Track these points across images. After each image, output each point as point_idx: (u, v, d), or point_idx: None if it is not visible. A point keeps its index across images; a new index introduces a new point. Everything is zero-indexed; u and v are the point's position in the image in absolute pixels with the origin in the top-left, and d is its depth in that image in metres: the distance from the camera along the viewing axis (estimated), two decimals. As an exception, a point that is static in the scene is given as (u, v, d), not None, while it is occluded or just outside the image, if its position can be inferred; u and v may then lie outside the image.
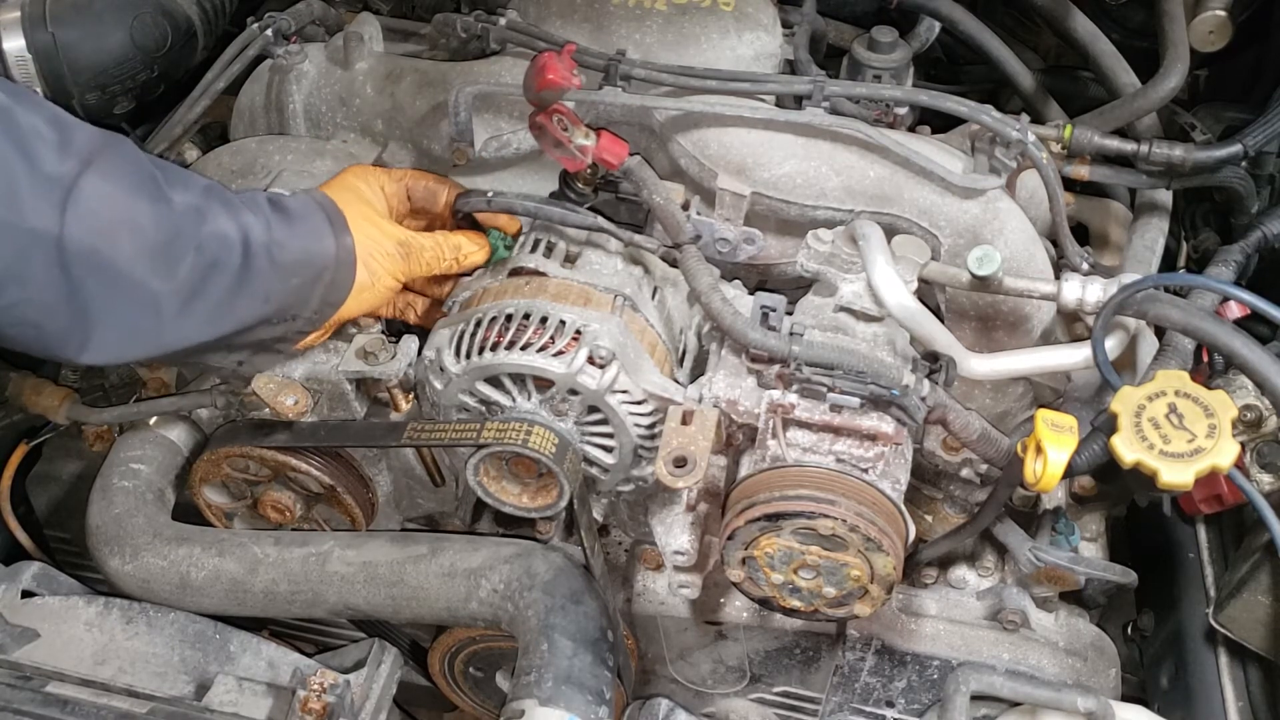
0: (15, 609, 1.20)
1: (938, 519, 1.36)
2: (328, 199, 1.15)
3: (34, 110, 0.93)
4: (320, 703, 1.10)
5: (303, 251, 1.09)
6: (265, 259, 1.05)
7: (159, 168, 1.02)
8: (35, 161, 0.91)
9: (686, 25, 1.31)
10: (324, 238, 1.11)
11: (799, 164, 1.23)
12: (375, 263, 1.15)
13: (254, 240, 1.05)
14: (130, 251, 0.97)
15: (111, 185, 0.96)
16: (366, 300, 1.17)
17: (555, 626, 1.15)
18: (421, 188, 1.25)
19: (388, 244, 1.16)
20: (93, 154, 0.95)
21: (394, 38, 1.49)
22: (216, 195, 1.05)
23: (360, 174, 1.22)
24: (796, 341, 1.08)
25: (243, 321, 1.08)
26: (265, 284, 1.07)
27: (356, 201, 1.17)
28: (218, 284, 1.03)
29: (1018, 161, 1.20)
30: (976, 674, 1.25)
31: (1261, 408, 1.17)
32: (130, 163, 0.99)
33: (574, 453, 1.16)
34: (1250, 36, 1.46)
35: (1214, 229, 1.48)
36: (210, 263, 1.02)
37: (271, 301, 1.09)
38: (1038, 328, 1.26)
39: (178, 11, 1.40)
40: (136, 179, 0.99)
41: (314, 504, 1.35)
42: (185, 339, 1.05)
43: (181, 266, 1.00)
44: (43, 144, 0.92)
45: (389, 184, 1.23)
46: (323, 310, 1.14)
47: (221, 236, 1.03)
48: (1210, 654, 1.30)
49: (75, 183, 0.93)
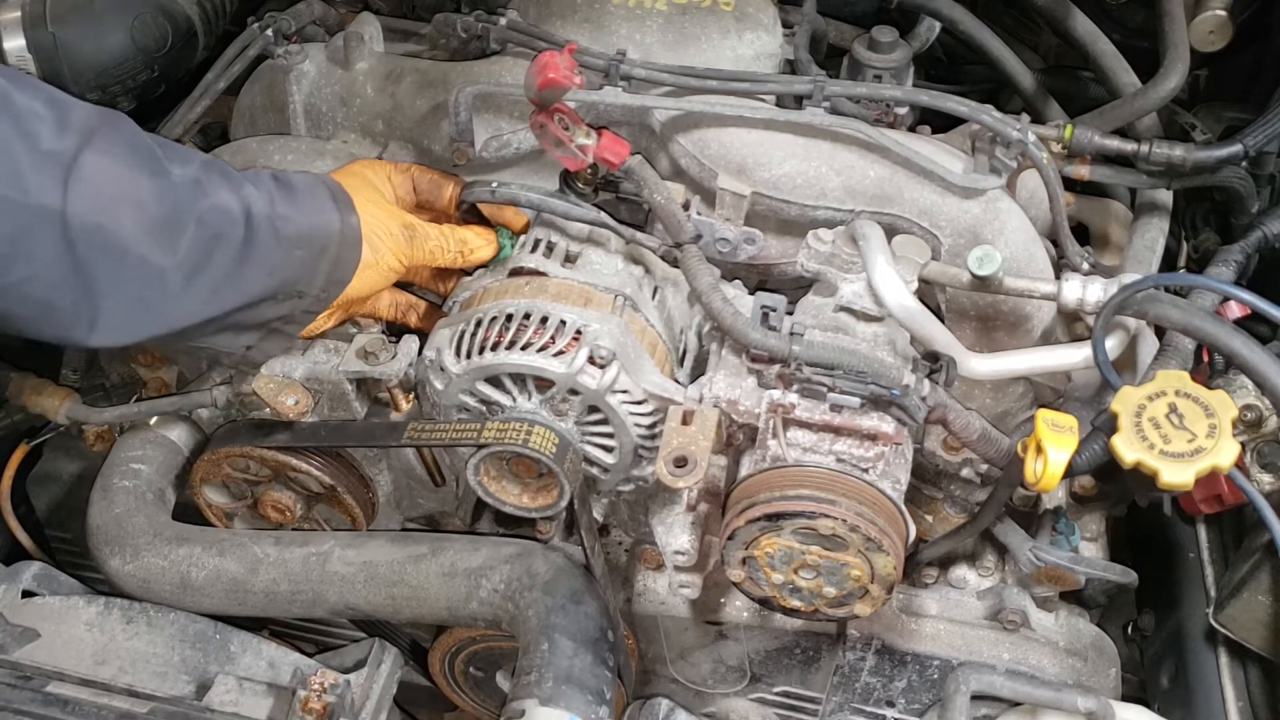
0: (15, 609, 1.20)
1: (938, 519, 1.36)
2: (333, 181, 1.15)
3: (30, 91, 0.94)
4: (320, 702, 1.10)
5: (307, 224, 1.09)
6: (269, 231, 1.05)
7: (158, 144, 1.02)
8: (35, 140, 0.91)
9: (687, 25, 1.31)
10: (328, 212, 1.11)
11: (799, 164, 1.23)
12: (380, 241, 1.15)
13: (256, 213, 1.05)
14: (132, 226, 0.97)
15: (111, 161, 0.96)
16: (369, 279, 1.17)
17: (556, 626, 1.15)
18: (427, 181, 1.25)
19: (393, 225, 1.17)
20: (91, 130, 0.96)
21: (394, 38, 1.49)
22: (216, 169, 1.05)
23: (367, 164, 1.23)
24: (797, 341, 1.08)
25: (248, 296, 1.08)
26: (269, 256, 1.07)
27: (363, 186, 1.18)
28: (221, 257, 1.03)
29: (1018, 161, 1.20)
30: (976, 674, 1.25)
31: (1261, 408, 1.17)
32: (129, 138, 1.00)
33: (574, 453, 1.16)
34: (1250, 36, 1.45)
35: (1214, 229, 1.48)
36: (213, 235, 1.02)
37: (276, 274, 1.08)
38: (1038, 328, 1.26)
39: (178, 11, 1.40)
40: (136, 154, 0.99)
41: (314, 504, 1.35)
42: (191, 314, 1.05)
43: (183, 240, 1.00)
44: (41, 123, 0.92)
45: (395, 175, 1.23)
46: (329, 288, 1.14)
47: (223, 209, 1.03)
48: (1210, 654, 1.30)
49: (75, 159, 0.93)
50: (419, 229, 1.19)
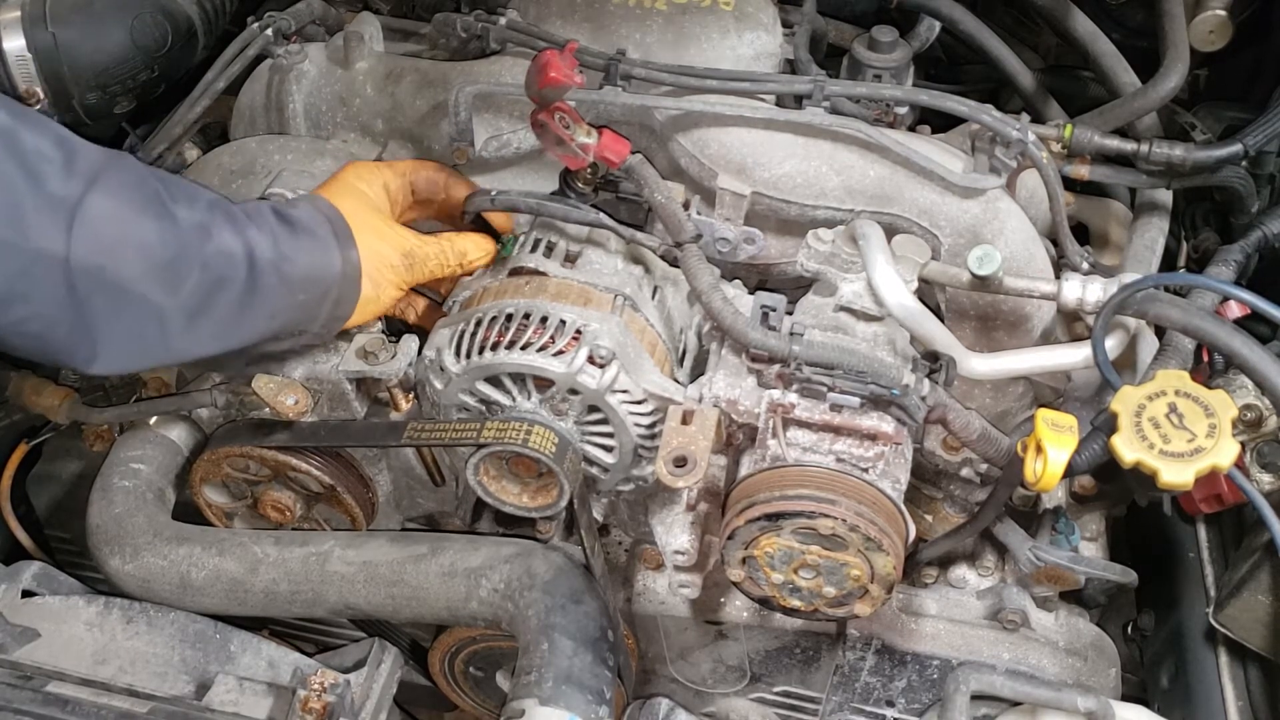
0: (15, 609, 1.20)
1: (938, 519, 1.36)
2: (333, 209, 1.14)
3: (38, 130, 0.93)
4: (320, 702, 1.10)
5: (309, 267, 1.09)
6: (273, 275, 1.06)
7: (163, 183, 1.02)
8: (41, 182, 0.91)
9: (686, 25, 1.31)
10: (330, 251, 1.11)
11: (799, 164, 1.23)
12: (380, 275, 1.16)
13: (260, 257, 1.05)
14: (136, 269, 0.97)
15: (117, 204, 0.96)
16: (370, 312, 1.18)
17: (555, 626, 1.15)
18: (424, 179, 1.25)
19: (393, 256, 1.17)
20: (98, 172, 0.95)
21: (394, 37, 1.49)
22: (221, 210, 1.05)
23: (361, 174, 1.21)
24: (797, 341, 1.08)
25: (250, 337, 1.09)
26: (272, 301, 1.07)
27: (361, 209, 1.17)
28: (223, 300, 1.04)
29: (1018, 161, 1.20)
30: (976, 674, 1.25)
31: (1261, 407, 1.17)
32: (135, 181, 0.99)
33: (574, 452, 1.16)
34: (1250, 36, 1.45)
35: (1214, 229, 1.48)
36: (215, 280, 1.02)
37: (278, 318, 1.09)
38: (1038, 327, 1.26)
39: (178, 11, 1.40)
40: (141, 197, 0.99)
41: (314, 504, 1.35)
42: (191, 353, 1.06)
43: (187, 283, 1.00)
44: (48, 165, 0.92)
45: (392, 180, 1.23)
46: (330, 324, 1.16)
47: (227, 253, 1.03)
48: (1210, 654, 1.30)
49: (80, 202, 0.93)
50: (418, 254, 1.18)
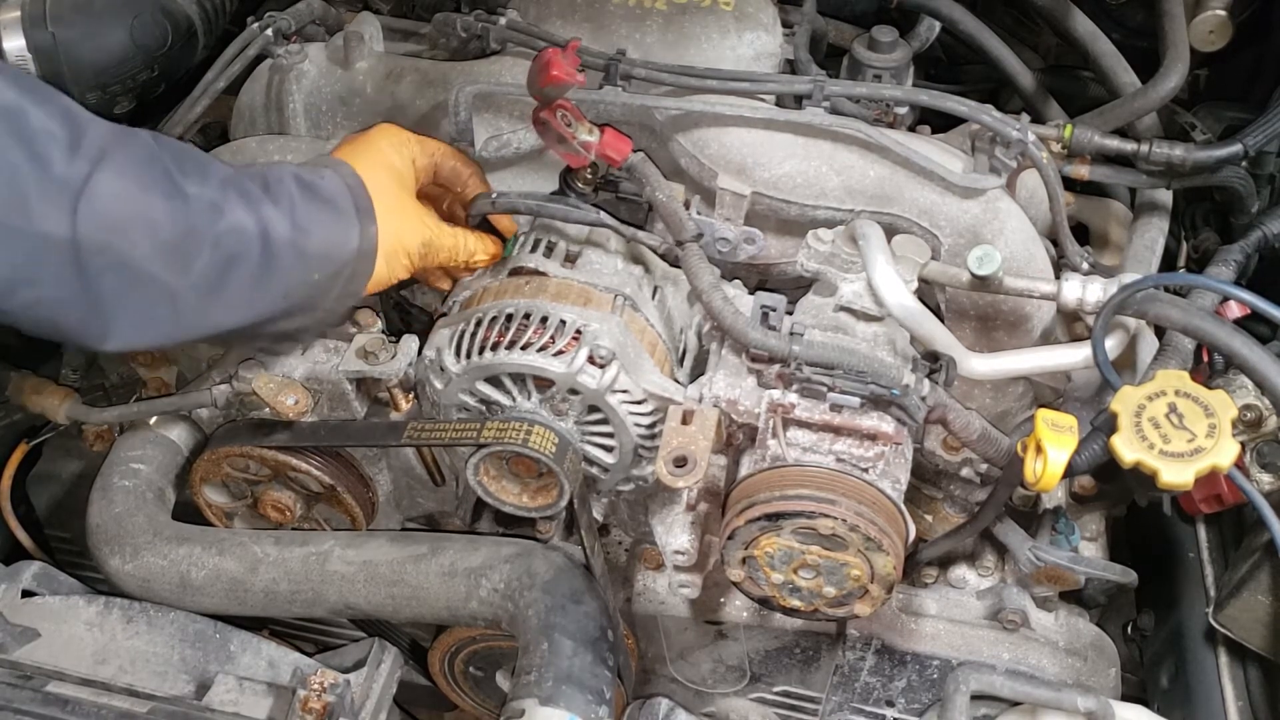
0: (15, 608, 1.20)
1: (938, 519, 1.36)
2: (358, 181, 1.13)
3: (47, 107, 0.92)
4: (320, 702, 1.10)
5: (325, 242, 1.09)
6: (288, 253, 1.05)
7: (175, 160, 1.00)
8: (46, 164, 0.90)
9: (686, 25, 1.31)
10: (349, 228, 1.10)
11: (799, 164, 1.23)
12: (395, 259, 1.15)
13: (275, 235, 1.04)
14: (145, 248, 0.96)
15: (125, 182, 0.95)
16: (377, 287, 1.17)
17: (555, 626, 1.15)
18: (450, 169, 1.24)
19: (411, 243, 1.16)
20: (105, 150, 0.94)
21: (394, 37, 1.49)
22: (235, 186, 1.03)
23: (393, 139, 1.19)
24: (797, 341, 1.08)
25: (262, 314, 1.08)
26: (285, 279, 1.06)
27: (388, 184, 1.15)
28: (236, 278, 1.03)
29: (1018, 161, 1.20)
30: (976, 673, 1.25)
31: (1261, 407, 1.17)
32: (144, 158, 0.98)
33: (574, 452, 1.16)
34: (1250, 36, 1.45)
35: (1214, 229, 1.48)
36: (228, 258, 1.01)
37: (291, 296, 1.09)
38: (1038, 327, 1.26)
39: (178, 11, 1.40)
40: (150, 175, 0.98)
41: (314, 504, 1.35)
42: (204, 329, 1.06)
43: (198, 262, 1.00)
44: (54, 144, 0.91)
45: (420, 157, 1.21)
46: (341, 300, 1.14)
47: (239, 231, 1.02)
48: (1210, 654, 1.30)
49: (87, 182, 0.92)
50: (434, 244, 1.18)
